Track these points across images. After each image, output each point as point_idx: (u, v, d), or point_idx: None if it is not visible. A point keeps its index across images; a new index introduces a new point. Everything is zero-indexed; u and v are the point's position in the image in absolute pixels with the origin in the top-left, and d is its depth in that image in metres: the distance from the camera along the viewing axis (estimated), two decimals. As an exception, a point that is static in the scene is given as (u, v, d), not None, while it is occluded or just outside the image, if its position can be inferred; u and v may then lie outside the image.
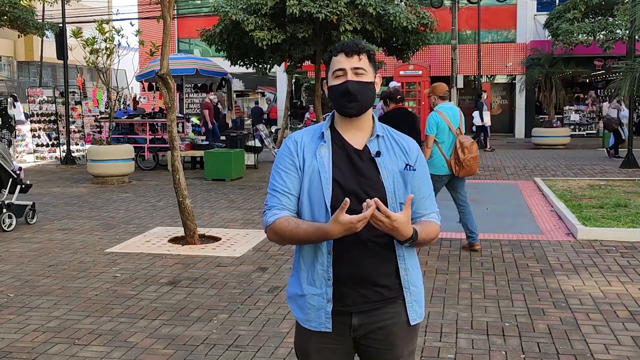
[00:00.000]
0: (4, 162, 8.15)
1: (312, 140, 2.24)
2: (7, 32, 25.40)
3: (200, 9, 27.89)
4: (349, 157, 2.19)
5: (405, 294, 2.21)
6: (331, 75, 2.21)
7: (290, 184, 2.20)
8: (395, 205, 2.16)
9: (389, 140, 2.25)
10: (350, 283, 2.15)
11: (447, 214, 8.71)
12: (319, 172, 2.16)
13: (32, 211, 8.63)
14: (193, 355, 4.16)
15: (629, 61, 13.24)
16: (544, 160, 16.20)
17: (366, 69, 2.18)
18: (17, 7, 15.93)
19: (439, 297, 5.28)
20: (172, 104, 7.40)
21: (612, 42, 19.05)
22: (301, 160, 2.21)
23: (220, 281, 5.83)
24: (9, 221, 8.16)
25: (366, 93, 2.18)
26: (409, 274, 2.22)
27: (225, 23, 12.70)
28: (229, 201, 10.37)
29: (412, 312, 2.23)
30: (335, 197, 2.12)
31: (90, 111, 17.22)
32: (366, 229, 2.10)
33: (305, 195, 2.19)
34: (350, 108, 2.18)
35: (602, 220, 7.87)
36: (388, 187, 2.16)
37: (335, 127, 2.26)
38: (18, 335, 4.54)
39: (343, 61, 2.17)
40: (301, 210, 2.20)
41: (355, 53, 2.17)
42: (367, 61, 2.19)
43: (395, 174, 2.19)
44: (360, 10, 12.01)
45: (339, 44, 2.22)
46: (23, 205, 8.51)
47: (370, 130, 2.25)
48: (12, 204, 8.28)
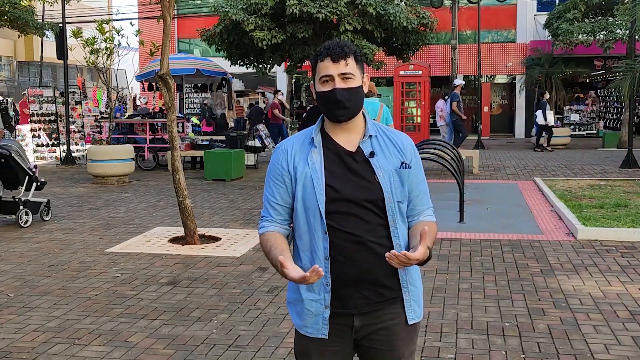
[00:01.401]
0: (20, 160, 8.34)
1: (302, 147, 2.22)
2: (7, 32, 25.40)
3: (200, 9, 27.90)
4: (342, 160, 2.17)
5: (404, 293, 2.21)
6: (318, 81, 2.18)
7: (279, 196, 2.22)
8: (393, 205, 2.15)
9: (382, 139, 2.23)
10: (351, 285, 2.14)
11: (447, 213, 8.72)
12: (312, 179, 2.15)
13: (47, 208, 8.84)
14: (193, 355, 4.16)
15: (629, 61, 13.25)
16: (544, 160, 16.19)
17: (354, 72, 2.15)
18: (17, 7, 15.93)
19: (439, 297, 5.28)
20: (172, 104, 7.40)
21: (612, 42, 19.05)
22: (292, 170, 2.19)
23: (220, 281, 5.83)
24: (25, 217, 8.37)
25: (355, 98, 2.16)
26: (408, 273, 2.22)
27: (225, 23, 12.71)
28: (229, 201, 10.37)
29: (411, 311, 2.23)
30: (330, 203, 2.11)
31: (90, 111, 17.22)
32: (365, 231, 2.11)
33: (299, 202, 2.17)
34: (340, 116, 2.16)
35: (602, 220, 7.87)
36: (385, 187, 2.15)
37: (325, 130, 2.23)
38: (18, 335, 4.54)
39: (330, 67, 2.13)
40: (297, 217, 2.20)
41: (342, 58, 2.13)
42: (354, 64, 2.16)
43: (391, 173, 2.17)
44: (360, 10, 12.02)
45: (324, 47, 2.16)
46: (38, 202, 8.72)
47: (362, 130, 2.22)
48: (28, 201, 8.48)
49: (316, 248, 2.14)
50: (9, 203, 8.46)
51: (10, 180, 8.50)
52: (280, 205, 2.23)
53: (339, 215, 2.12)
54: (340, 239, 2.10)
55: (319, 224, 2.12)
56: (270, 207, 2.25)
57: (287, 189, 2.20)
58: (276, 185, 2.23)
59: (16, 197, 8.43)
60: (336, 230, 2.11)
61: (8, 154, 8.20)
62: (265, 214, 2.28)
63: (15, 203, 8.41)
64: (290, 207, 2.23)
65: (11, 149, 8.27)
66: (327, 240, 2.12)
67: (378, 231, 2.13)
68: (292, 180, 2.20)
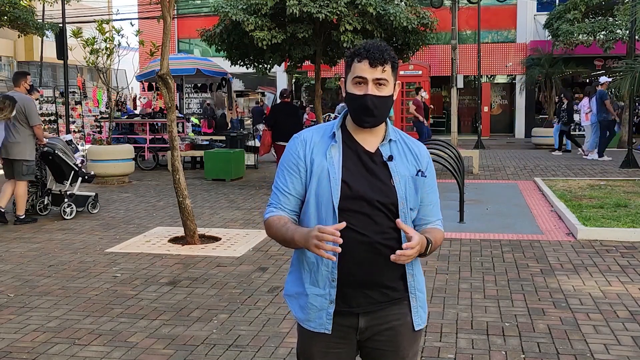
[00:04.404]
0: (64, 156, 8.91)
1: (322, 140, 2.20)
2: (7, 32, 25.39)
3: (200, 9, 27.90)
4: (360, 159, 2.16)
5: (412, 299, 2.21)
6: (350, 80, 2.15)
7: (291, 185, 2.19)
8: (406, 210, 2.15)
9: (401, 145, 2.23)
10: (356, 285, 2.13)
11: (447, 213, 8.72)
12: (329, 173, 2.13)
13: (94, 201, 9.36)
14: (193, 355, 4.16)
15: (629, 61, 13.25)
16: (544, 160, 16.19)
17: (388, 79, 2.12)
18: (17, 7, 15.92)
19: (439, 297, 5.28)
20: (172, 104, 7.40)
21: (612, 42, 19.05)
22: (309, 162, 2.17)
23: (220, 281, 5.83)
24: (68, 210, 8.89)
25: (384, 107, 2.14)
26: (416, 279, 2.22)
27: (225, 23, 12.69)
28: (229, 201, 10.37)
29: (417, 317, 2.24)
30: (344, 199, 2.10)
31: (90, 111, 17.24)
32: (374, 232, 2.10)
33: (312, 195, 2.15)
34: (367, 122, 2.15)
35: (602, 220, 7.87)
36: (400, 191, 2.14)
37: (346, 127, 2.22)
38: (18, 335, 4.54)
39: (366, 70, 2.10)
40: (307, 211, 2.17)
41: (380, 64, 2.09)
42: (390, 71, 2.13)
43: (407, 179, 2.17)
44: (360, 10, 11.99)
45: (364, 48, 2.11)
46: (86, 196, 9.30)
47: (382, 134, 2.21)
48: (75, 195, 9.06)
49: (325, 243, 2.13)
50: (57, 196, 9.15)
51: (58, 175, 9.11)
52: (291, 195, 2.19)
53: (350, 213, 2.10)
54: (349, 237, 2.09)
55: (331, 218, 2.10)
56: (280, 194, 2.21)
57: (300, 179, 2.17)
58: (290, 174, 2.19)
59: (62, 191, 9.08)
60: (346, 228, 2.09)
61: (52, 151, 8.79)
62: (274, 200, 2.23)
63: (61, 196, 9.06)
64: (301, 199, 2.19)
65: (55, 147, 8.84)
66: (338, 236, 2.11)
67: (387, 233, 2.12)
68: (307, 172, 2.17)
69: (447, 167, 8.43)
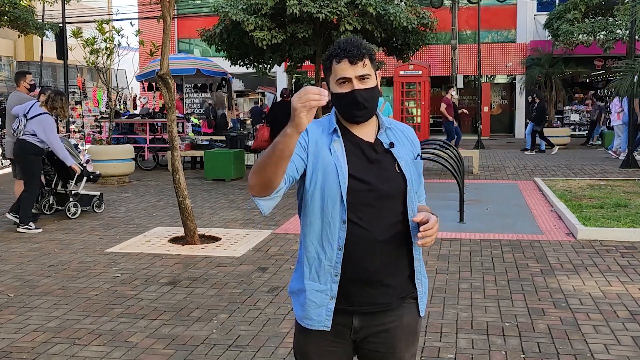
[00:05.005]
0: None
1: (323, 134, 2.19)
2: (7, 32, 25.40)
3: (200, 9, 27.90)
4: (363, 151, 2.17)
5: (417, 285, 2.24)
6: (334, 82, 2.15)
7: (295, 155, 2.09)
8: (413, 195, 2.19)
9: (396, 131, 2.26)
10: (359, 281, 2.13)
11: (447, 213, 8.71)
12: (336, 167, 2.11)
13: (99, 201, 9.43)
14: (193, 355, 4.16)
15: (629, 61, 13.24)
16: (544, 160, 16.19)
17: (370, 73, 2.14)
18: (17, 7, 15.92)
19: (439, 297, 5.28)
20: (172, 104, 7.40)
21: (612, 42, 19.04)
22: (312, 151, 2.13)
23: (220, 281, 5.83)
24: (74, 209, 8.97)
25: (373, 99, 2.16)
26: (421, 265, 2.27)
27: (225, 23, 12.70)
28: (229, 201, 10.37)
29: (422, 303, 2.28)
30: (351, 192, 2.10)
31: (90, 111, 17.24)
32: (380, 227, 2.11)
33: (318, 189, 2.13)
34: (359, 116, 2.16)
35: (602, 220, 7.87)
36: (407, 176, 2.17)
37: (341, 122, 2.22)
38: (18, 335, 4.54)
39: (348, 69, 2.11)
40: (311, 204, 2.15)
41: (359, 59, 2.10)
42: (370, 63, 2.14)
43: (409, 163, 2.21)
44: (360, 10, 12.00)
45: (340, 46, 2.12)
46: (91, 196, 9.39)
47: (375, 123, 2.23)
48: (80, 194, 9.12)
49: (330, 238, 2.11)
50: (61, 195, 9.16)
51: (64, 174, 9.07)
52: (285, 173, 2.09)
53: (357, 207, 2.10)
54: (354, 232, 2.09)
55: (338, 212, 2.10)
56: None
57: (294, 163, 2.09)
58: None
59: (67, 190, 9.07)
60: (352, 222, 2.10)
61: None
62: None
63: (66, 195, 9.07)
64: (291, 182, 2.12)
65: None
66: (345, 231, 2.10)
67: (393, 228, 2.13)
68: (304, 159, 2.12)
69: (447, 167, 8.42)
